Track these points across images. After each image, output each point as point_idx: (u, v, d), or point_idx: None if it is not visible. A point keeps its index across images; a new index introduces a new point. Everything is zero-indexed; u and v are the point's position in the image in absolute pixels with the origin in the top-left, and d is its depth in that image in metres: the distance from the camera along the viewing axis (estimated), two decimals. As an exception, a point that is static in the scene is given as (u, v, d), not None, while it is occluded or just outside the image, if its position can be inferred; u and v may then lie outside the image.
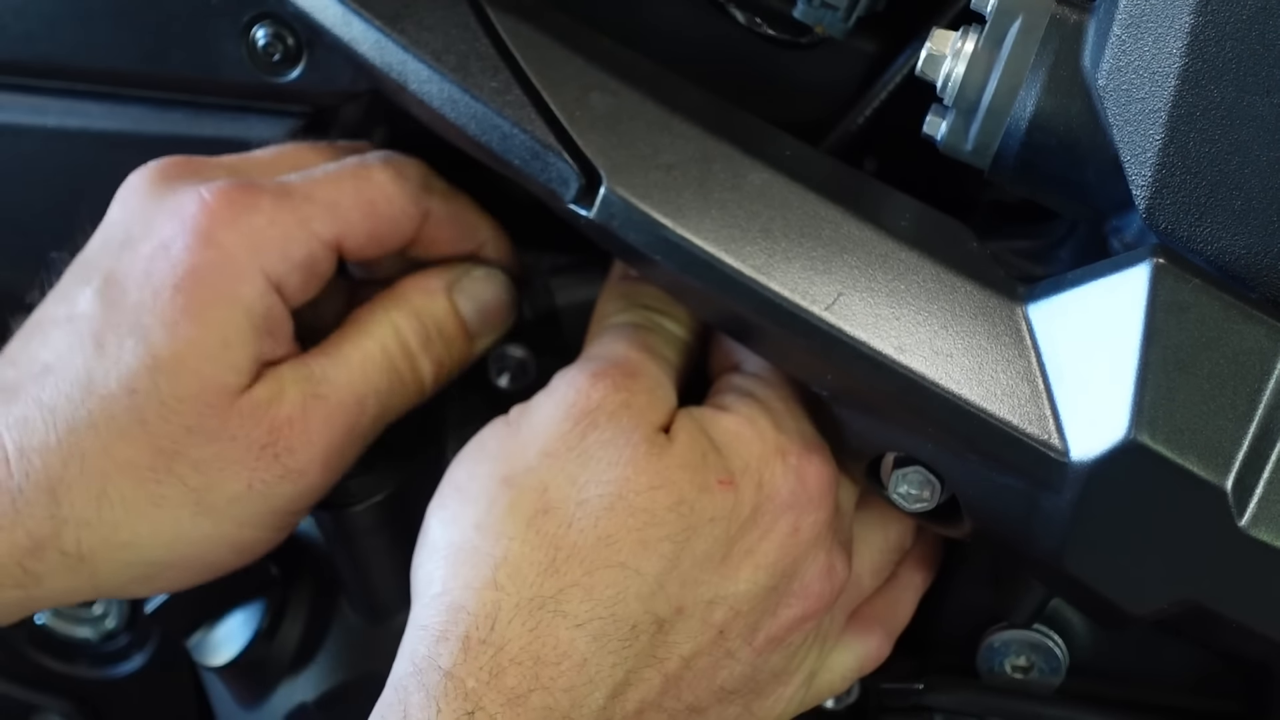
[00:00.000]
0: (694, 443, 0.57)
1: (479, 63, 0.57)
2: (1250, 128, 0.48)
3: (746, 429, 0.58)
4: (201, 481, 0.59)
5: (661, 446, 0.56)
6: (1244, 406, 0.50)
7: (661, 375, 0.60)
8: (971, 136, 0.54)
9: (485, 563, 0.55)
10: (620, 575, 0.54)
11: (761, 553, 0.57)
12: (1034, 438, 0.52)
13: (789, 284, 0.54)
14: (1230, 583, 0.51)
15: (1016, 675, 0.68)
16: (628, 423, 0.57)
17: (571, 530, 0.55)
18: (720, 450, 0.57)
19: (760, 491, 0.57)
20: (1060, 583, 0.56)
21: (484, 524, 0.56)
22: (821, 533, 0.58)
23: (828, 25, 0.59)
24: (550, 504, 0.55)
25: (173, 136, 0.67)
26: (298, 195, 0.61)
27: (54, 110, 0.68)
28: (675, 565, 0.55)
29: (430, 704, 0.52)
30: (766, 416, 0.59)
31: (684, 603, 0.55)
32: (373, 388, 0.61)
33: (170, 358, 0.58)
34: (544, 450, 0.57)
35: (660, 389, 0.59)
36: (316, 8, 0.59)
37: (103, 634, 0.80)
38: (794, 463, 0.58)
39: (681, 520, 0.55)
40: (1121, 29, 0.50)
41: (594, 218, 0.56)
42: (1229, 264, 0.50)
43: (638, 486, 0.55)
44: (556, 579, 0.54)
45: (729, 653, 0.57)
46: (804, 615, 0.58)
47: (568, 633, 0.53)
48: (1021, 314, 0.53)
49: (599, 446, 0.56)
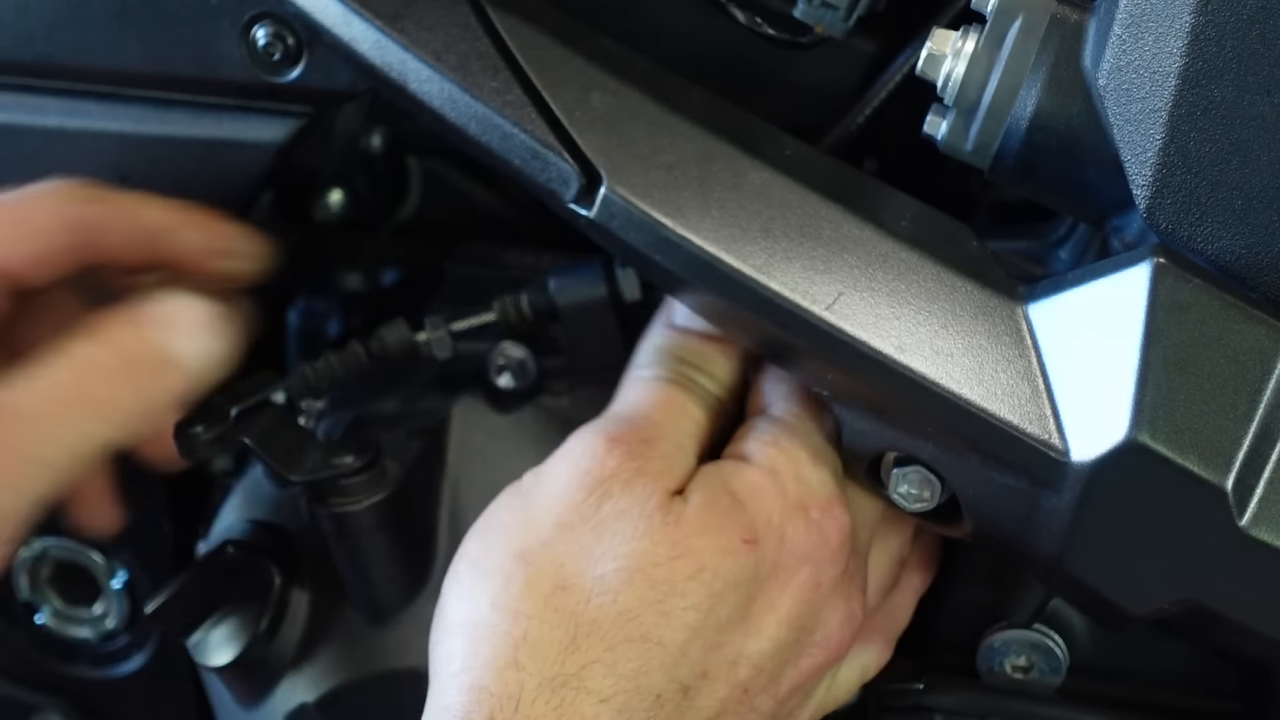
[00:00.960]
0: (713, 503, 0.56)
1: (479, 62, 0.57)
2: (1251, 127, 0.48)
3: (768, 483, 0.57)
4: None
5: (678, 514, 0.56)
6: (1244, 406, 0.50)
7: (683, 436, 0.59)
8: (972, 136, 0.54)
9: (504, 642, 0.54)
10: (643, 649, 0.54)
11: (783, 608, 0.57)
12: (1034, 437, 0.52)
13: (789, 284, 0.54)
14: (1230, 582, 0.51)
15: (1017, 675, 0.68)
16: (642, 491, 0.56)
17: (590, 606, 0.54)
18: (743, 504, 0.57)
19: (782, 547, 0.57)
20: (1060, 582, 0.56)
21: (500, 601, 0.55)
22: (839, 583, 0.58)
23: (828, 25, 0.59)
24: (567, 580, 0.55)
25: (173, 136, 0.67)
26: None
27: (54, 110, 0.68)
28: (699, 633, 0.55)
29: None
30: (789, 466, 0.58)
31: (708, 667, 0.55)
32: (48, 414, 0.58)
33: None
34: (558, 522, 0.56)
35: (680, 452, 0.58)
36: (316, 7, 0.59)
37: (102, 634, 0.80)
38: (816, 517, 0.57)
39: (704, 588, 0.55)
40: (1122, 28, 0.50)
41: (594, 217, 0.56)
42: (1229, 263, 0.50)
43: (656, 558, 0.55)
44: (578, 656, 0.54)
45: (753, 707, 0.57)
46: (825, 662, 0.59)
47: (592, 709, 0.53)
48: (1022, 314, 0.53)
49: (614, 518, 0.56)
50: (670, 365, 0.61)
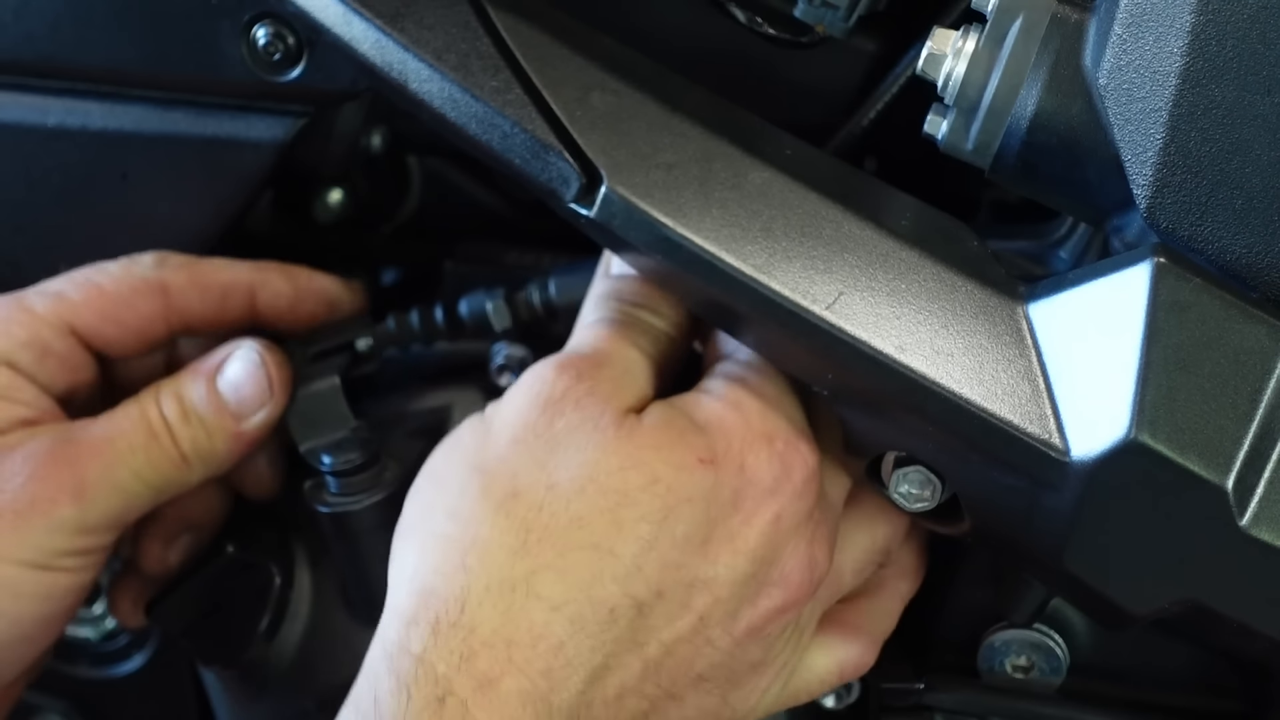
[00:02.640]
0: (669, 424, 0.57)
1: (480, 62, 0.57)
2: (1251, 127, 0.48)
3: (730, 413, 0.58)
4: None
5: (631, 427, 0.56)
6: (1245, 406, 0.50)
7: (633, 363, 0.60)
8: (972, 136, 0.54)
9: (454, 547, 0.55)
10: (595, 557, 0.54)
11: (742, 538, 0.56)
12: (1035, 437, 0.52)
13: (790, 283, 0.54)
14: (1231, 582, 0.51)
15: (1017, 675, 0.68)
16: (593, 409, 0.57)
17: (543, 513, 0.55)
18: (702, 429, 0.57)
19: (742, 475, 0.57)
20: (1061, 582, 0.56)
21: (455, 510, 0.56)
22: (803, 522, 0.58)
23: (828, 24, 0.59)
24: (520, 489, 0.55)
25: (173, 136, 0.67)
26: (31, 292, 0.67)
27: (55, 110, 0.68)
28: (652, 546, 0.55)
29: (401, 690, 0.52)
30: (755, 401, 0.58)
31: (663, 586, 0.55)
32: (129, 443, 0.64)
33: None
34: (513, 438, 0.57)
35: (629, 376, 0.59)
36: (317, 7, 0.59)
37: (103, 634, 0.80)
38: (780, 449, 0.57)
39: (658, 500, 0.55)
40: (1122, 28, 0.50)
41: (594, 217, 0.56)
42: (1230, 263, 0.50)
43: (608, 468, 0.55)
44: (528, 561, 0.54)
45: (708, 640, 0.56)
46: (783, 605, 0.58)
47: (543, 615, 0.53)
48: (1022, 313, 0.53)
49: (566, 433, 0.56)
50: (613, 307, 0.62)
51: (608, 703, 0.55)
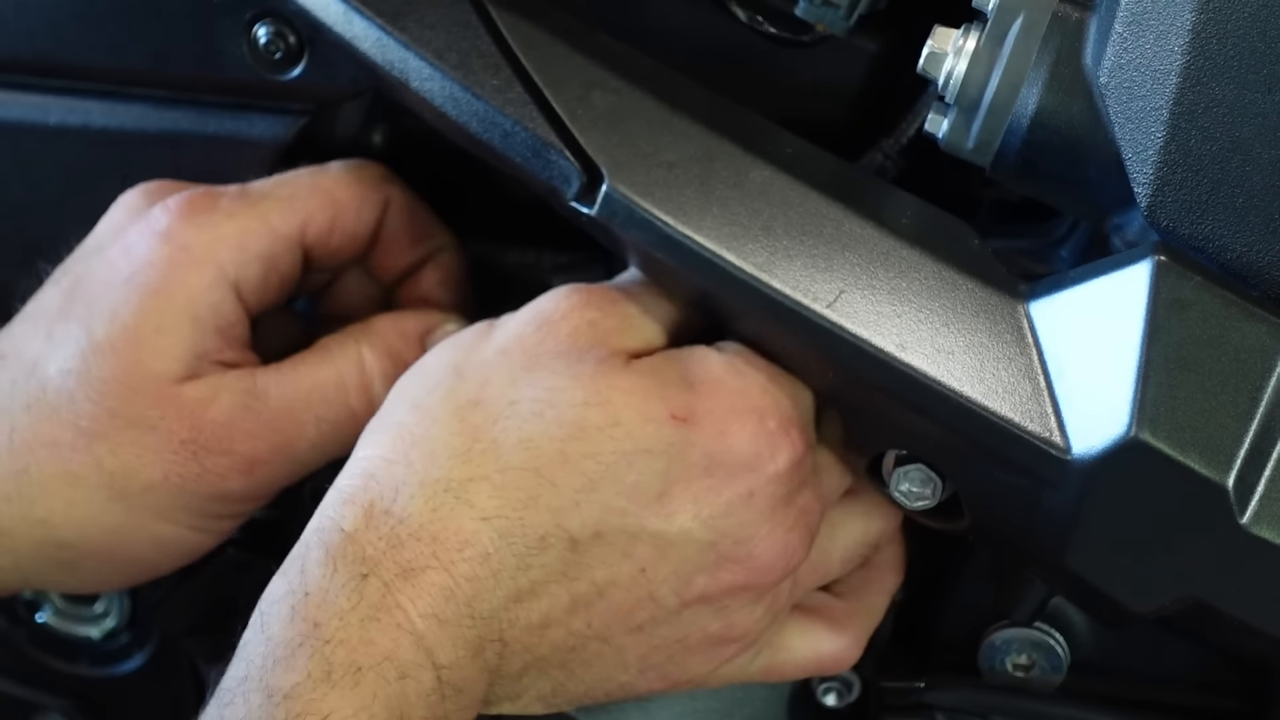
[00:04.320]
0: (656, 372, 0.56)
1: (481, 60, 0.57)
2: (1252, 125, 0.48)
3: (730, 377, 0.56)
4: (117, 464, 0.60)
5: (612, 367, 0.55)
6: (1245, 404, 0.50)
7: (652, 308, 0.58)
8: (973, 134, 0.54)
9: (405, 438, 0.55)
10: (533, 480, 0.54)
11: (707, 504, 0.55)
12: (1035, 435, 0.52)
13: (790, 282, 0.54)
14: (1231, 580, 0.51)
15: (1018, 673, 0.68)
16: (585, 340, 0.56)
17: (495, 426, 0.54)
18: (692, 387, 0.56)
19: (721, 441, 0.55)
20: (1061, 580, 0.56)
21: (419, 403, 0.56)
22: (780, 506, 0.56)
23: (829, 23, 0.59)
24: (484, 397, 0.55)
25: (174, 134, 0.67)
26: (255, 193, 0.63)
27: (56, 109, 0.68)
28: (595, 487, 0.54)
29: (328, 561, 0.52)
30: (760, 374, 0.57)
31: (602, 528, 0.54)
32: (314, 414, 0.61)
33: (105, 341, 0.60)
34: (501, 348, 0.57)
35: (641, 319, 0.58)
36: (318, 6, 0.59)
37: (104, 633, 0.80)
38: (771, 427, 0.56)
39: (612, 443, 0.54)
40: (1123, 26, 0.50)
41: (595, 215, 0.56)
42: (1230, 261, 0.50)
43: (571, 399, 0.55)
44: (467, 468, 0.54)
45: (651, 595, 0.55)
46: (745, 584, 0.56)
47: (471, 523, 0.53)
48: (1023, 311, 0.53)
49: (549, 356, 0.56)
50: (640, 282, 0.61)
51: (531, 628, 0.54)
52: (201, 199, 0.62)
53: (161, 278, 0.60)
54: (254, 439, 0.60)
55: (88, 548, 0.61)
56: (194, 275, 0.60)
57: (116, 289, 0.60)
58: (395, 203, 0.65)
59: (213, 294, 0.60)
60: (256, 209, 0.62)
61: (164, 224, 0.61)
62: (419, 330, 0.64)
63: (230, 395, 0.60)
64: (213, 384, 0.60)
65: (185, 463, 0.60)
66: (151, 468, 0.60)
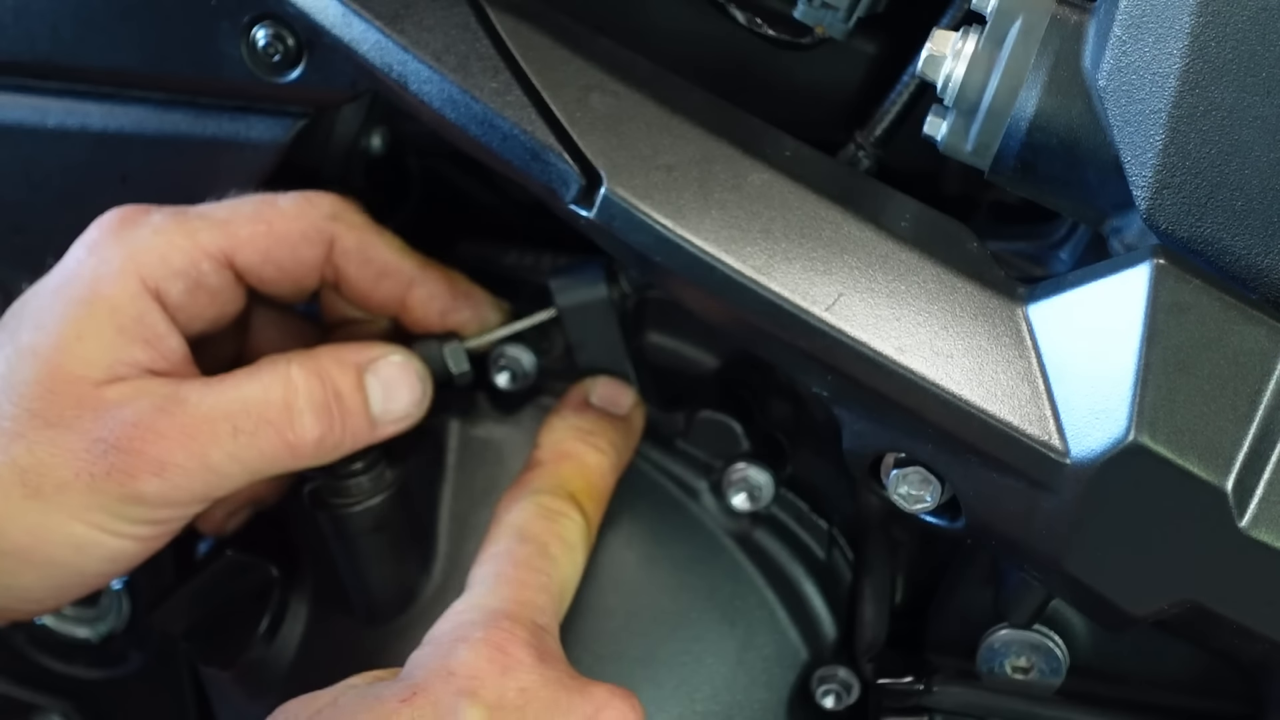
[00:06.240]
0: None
1: (479, 63, 0.57)
2: (1251, 129, 0.48)
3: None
4: (32, 461, 0.60)
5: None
6: (1244, 407, 0.50)
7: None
8: (972, 137, 0.54)
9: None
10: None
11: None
12: (1034, 438, 0.52)
13: (789, 285, 0.54)
14: (1230, 583, 0.51)
15: (1017, 676, 0.68)
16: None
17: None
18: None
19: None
20: (1060, 583, 0.56)
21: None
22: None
23: (828, 26, 0.59)
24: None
25: (173, 136, 0.68)
26: (191, 213, 0.64)
27: (55, 110, 0.68)
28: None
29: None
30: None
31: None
32: (233, 425, 0.61)
33: (28, 347, 0.61)
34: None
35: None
36: (316, 8, 0.59)
37: (103, 634, 0.80)
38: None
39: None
40: (1122, 30, 0.50)
41: (594, 218, 0.56)
42: (1229, 264, 0.50)
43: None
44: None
45: None
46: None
47: None
48: (1022, 314, 0.53)
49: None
50: (534, 504, 0.63)
51: None
52: (132, 214, 0.63)
53: (84, 287, 0.62)
54: (164, 440, 0.60)
55: (6, 546, 0.61)
56: (115, 286, 0.62)
57: (44, 299, 0.62)
58: (343, 242, 0.65)
59: (136, 305, 0.62)
60: (185, 227, 0.63)
61: (92, 237, 0.63)
62: (358, 360, 0.64)
63: (148, 399, 0.61)
64: (134, 386, 0.61)
65: (95, 460, 0.60)
66: (64, 466, 0.60)
